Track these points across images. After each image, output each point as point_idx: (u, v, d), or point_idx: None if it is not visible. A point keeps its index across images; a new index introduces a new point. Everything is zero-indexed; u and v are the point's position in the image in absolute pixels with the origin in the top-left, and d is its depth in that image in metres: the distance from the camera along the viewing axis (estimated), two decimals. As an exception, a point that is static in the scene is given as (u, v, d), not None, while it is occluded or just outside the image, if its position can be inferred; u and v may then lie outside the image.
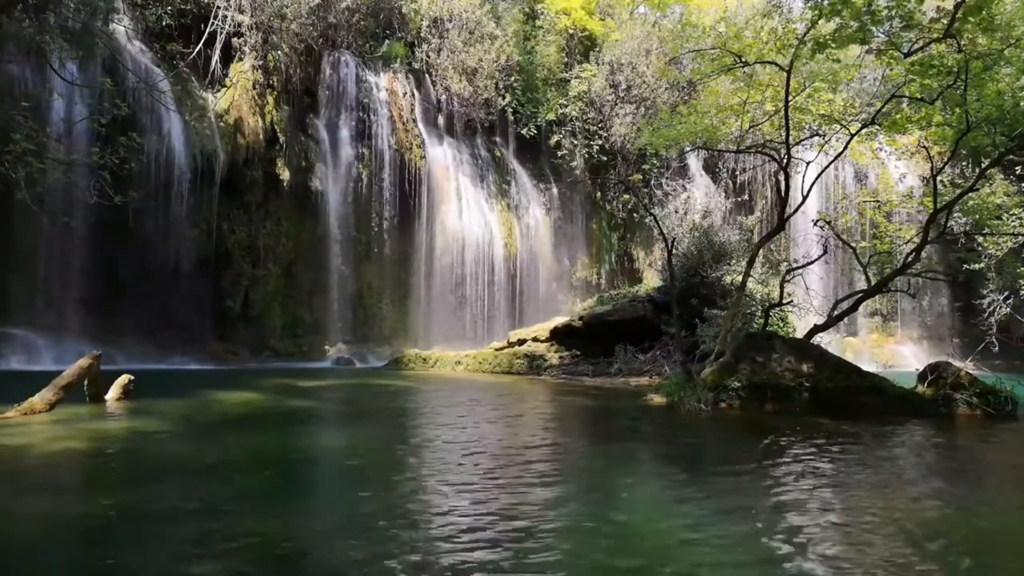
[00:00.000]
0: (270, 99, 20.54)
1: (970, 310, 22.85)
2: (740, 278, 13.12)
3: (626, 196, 26.11)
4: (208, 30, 19.33)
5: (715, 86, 15.97)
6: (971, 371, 11.02)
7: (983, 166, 11.94)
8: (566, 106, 26.12)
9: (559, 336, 17.61)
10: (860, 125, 12.09)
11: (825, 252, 13.32)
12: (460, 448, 6.72)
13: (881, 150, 14.84)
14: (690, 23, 15.61)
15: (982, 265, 19.81)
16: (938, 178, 12.05)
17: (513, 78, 25.26)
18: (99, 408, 8.41)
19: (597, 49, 27.32)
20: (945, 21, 9.76)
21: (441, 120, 24.77)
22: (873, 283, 12.64)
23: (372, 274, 22.25)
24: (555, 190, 26.79)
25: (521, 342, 18.10)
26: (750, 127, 13.66)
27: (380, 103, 22.49)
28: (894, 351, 25.00)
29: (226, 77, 20.01)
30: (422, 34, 24.31)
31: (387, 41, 23.96)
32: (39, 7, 13.38)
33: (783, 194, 12.81)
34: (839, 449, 6.96)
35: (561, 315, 21.21)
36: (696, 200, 20.58)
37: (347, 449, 6.81)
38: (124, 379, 9.16)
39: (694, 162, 28.06)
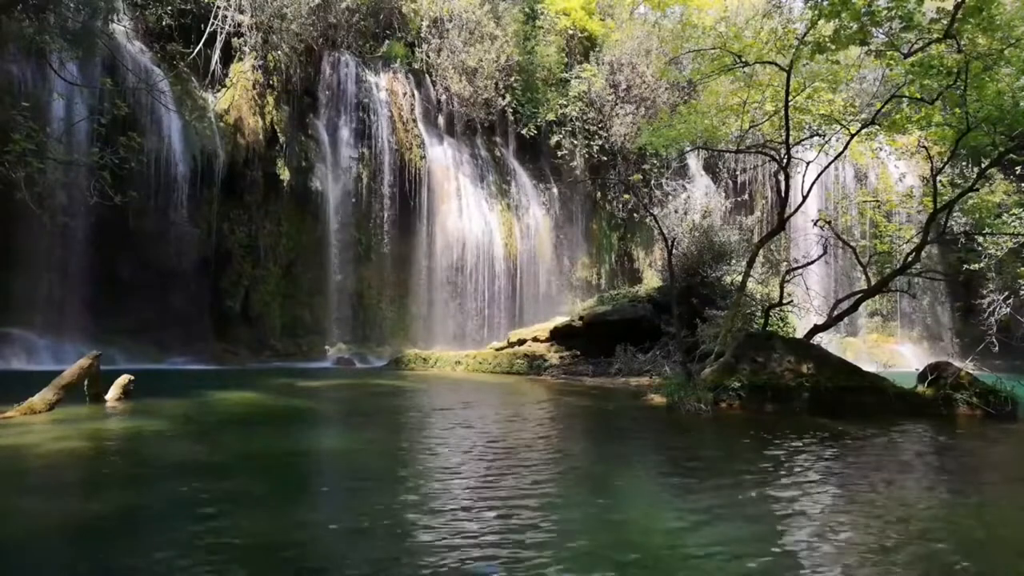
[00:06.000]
0: (270, 99, 20.53)
1: (970, 310, 22.87)
2: (740, 278, 13.13)
3: (626, 196, 26.11)
4: (208, 30, 19.33)
5: (715, 86, 15.93)
6: (971, 371, 11.03)
7: (983, 166, 11.94)
8: (566, 106, 26.11)
9: (559, 336, 17.60)
10: (860, 125, 12.09)
11: (825, 252, 13.33)
12: (460, 448, 6.73)
13: (881, 150, 14.85)
14: (690, 23, 15.61)
15: (982, 265, 19.82)
16: (938, 178, 12.05)
17: (513, 78, 25.25)
18: (99, 408, 8.41)
19: (597, 49, 27.33)
20: (945, 22, 9.76)
21: (441, 120, 24.77)
22: (873, 283, 12.65)
23: (372, 274, 22.25)
24: (555, 190, 26.78)
25: (521, 342, 18.09)
26: (750, 127, 13.66)
27: (380, 103, 22.49)
28: (894, 351, 24.99)
29: (226, 77, 20.01)
30: (422, 34, 24.31)
31: (387, 41, 23.96)
32: (39, 7, 13.38)
33: (783, 194, 12.80)
34: (839, 449, 6.96)
35: (561, 315, 21.20)
36: (696, 200, 20.57)
37: (347, 449, 6.81)
38: (124, 379, 9.16)
39: (694, 162, 28.06)
